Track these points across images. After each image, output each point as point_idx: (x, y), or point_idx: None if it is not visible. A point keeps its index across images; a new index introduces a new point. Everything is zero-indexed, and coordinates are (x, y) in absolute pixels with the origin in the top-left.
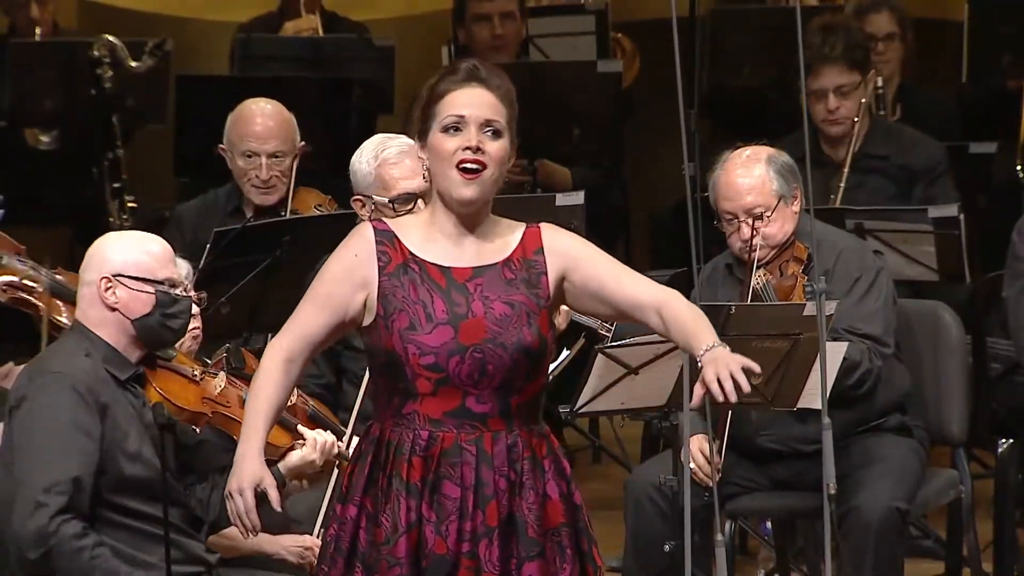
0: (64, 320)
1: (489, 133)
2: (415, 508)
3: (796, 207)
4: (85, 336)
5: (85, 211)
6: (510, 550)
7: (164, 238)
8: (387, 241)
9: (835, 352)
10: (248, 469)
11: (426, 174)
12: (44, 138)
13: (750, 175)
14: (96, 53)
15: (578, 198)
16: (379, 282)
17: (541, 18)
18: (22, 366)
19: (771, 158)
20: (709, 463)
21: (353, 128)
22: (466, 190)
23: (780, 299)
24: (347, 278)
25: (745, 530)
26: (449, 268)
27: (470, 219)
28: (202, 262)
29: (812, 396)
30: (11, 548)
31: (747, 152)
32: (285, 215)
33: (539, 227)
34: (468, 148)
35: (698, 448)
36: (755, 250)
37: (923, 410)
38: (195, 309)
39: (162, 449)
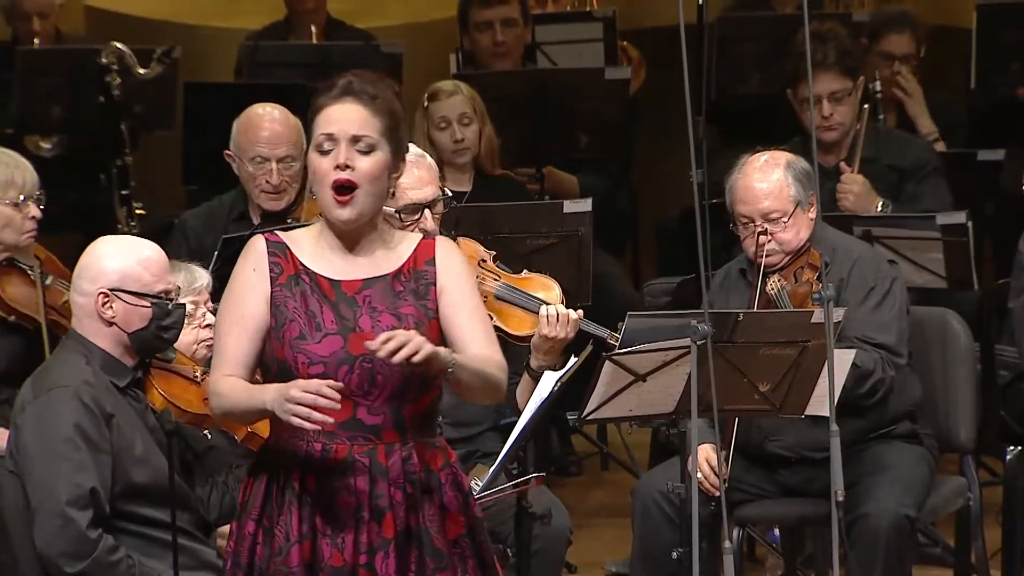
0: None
1: (360, 148)
2: (308, 519)
3: (812, 213)
4: (83, 345)
5: (93, 218)
6: (407, 563)
7: (168, 245)
8: (279, 253)
9: (843, 359)
10: (275, 387)
11: (311, 190)
12: (45, 144)
13: (767, 180)
14: (104, 60)
15: (586, 205)
16: (271, 293)
17: (548, 25)
18: None
19: (789, 163)
20: (716, 473)
21: None
22: (341, 212)
23: (795, 305)
24: (251, 293)
25: (753, 537)
26: (339, 281)
27: (355, 234)
28: (210, 269)
29: (820, 403)
30: (42, 563)
31: (765, 156)
32: (291, 222)
33: (434, 240)
34: (337, 166)
35: (704, 457)
36: (764, 256)
37: (931, 417)
38: (210, 319)
39: (169, 455)
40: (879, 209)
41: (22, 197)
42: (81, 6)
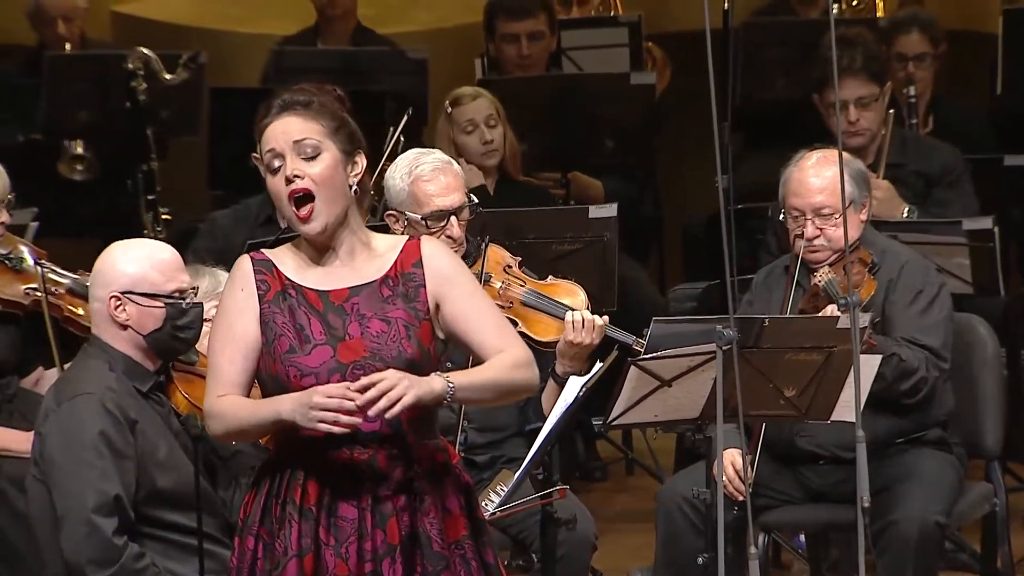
0: (84, 319)
1: (306, 155)
2: (310, 533)
3: (864, 215)
4: (103, 351)
5: (119, 224)
6: (413, 566)
7: (196, 240)
8: (265, 270)
9: (869, 365)
10: (291, 396)
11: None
12: (79, 166)
13: (822, 175)
14: (130, 66)
15: (611, 210)
16: (260, 310)
17: (574, 30)
18: (51, 370)
19: (848, 162)
20: (741, 478)
21: (386, 141)
22: (306, 227)
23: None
24: (241, 313)
25: (778, 543)
26: (327, 292)
27: (334, 243)
28: None
29: (847, 409)
30: (69, 570)
31: (823, 153)
32: None
33: (418, 240)
34: (287, 179)
35: (730, 462)
36: (811, 252)
37: (957, 422)
38: None
39: (195, 461)
40: (904, 215)
41: None
42: (107, 11)
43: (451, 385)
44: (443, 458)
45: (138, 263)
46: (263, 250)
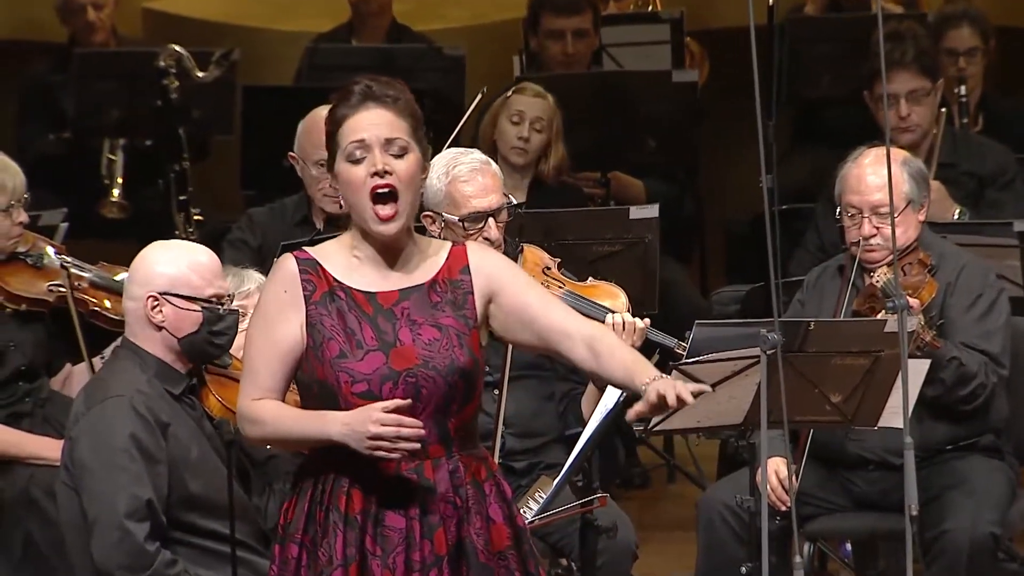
0: (110, 312)
1: (394, 152)
2: (355, 542)
3: (923, 216)
4: (135, 353)
5: (151, 224)
6: None
7: (232, 234)
8: (311, 270)
9: (917, 370)
10: (341, 419)
11: (342, 203)
12: (116, 211)
13: (880, 172)
14: (162, 63)
15: (652, 211)
16: (307, 312)
17: (615, 27)
18: (79, 366)
19: (906, 160)
20: (785, 489)
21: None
22: (384, 227)
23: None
24: (283, 317)
25: (824, 552)
26: (374, 294)
27: (393, 244)
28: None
29: (894, 415)
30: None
31: (882, 149)
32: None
33: (465, 246)
34: (376, 173)
35: (774, 470)
36: (867, 250)
37: (1010, 429)
38: None
39: (229, 466)
40: (955, 217)
41: (11, 203)
42: (139, 8)
43: (645, 385)
44: (485, 467)
45: (178, 265)
46: (306, 248)
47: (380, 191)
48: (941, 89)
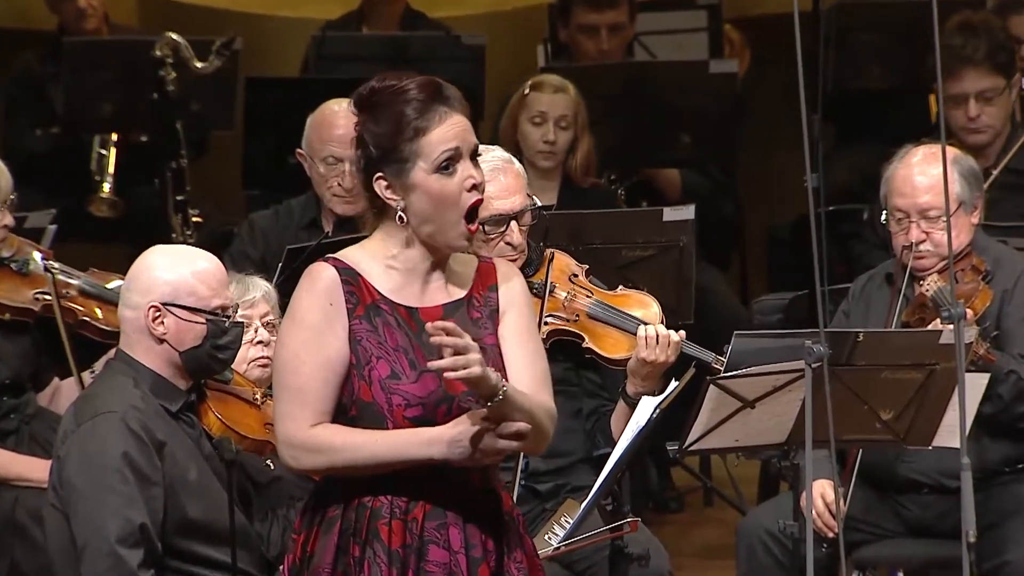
0: (100, 322)
1: (475, 160)
2: None
3: (975, 218)
4: (130, 366)
5: (145, 226)
6: None
7: (233, 246)
8: (352, 280)
9: (975, 384)
10: (439, 437)
11: (402, 216)
12: (105, 208)
13: (929, 173)
14: (158, 53)
15: (688, 212)
16: (349, 327)
17: (647, 13)
18: (67, 380)
19: (956, 159)
20: (832, 513)
21: None
22: (467, 244)
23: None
24: (331, 331)
25: None
26: (416, 309)
27: (442, 257)
28: (274, 281)
29: (950, 433)
30: None
31: (930, 148)
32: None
33: (492, 262)
34: (475, 187)
35: (820, 493)
36: (917, 257)
37: None
38: (264, 336)
39: (230, 487)
40: None
41: None
42: None
43: (503, 388)
44: (508, 497)
45: (182, 273)
46: (340, 256)
47: (477, 206)
48: (1018, 85)
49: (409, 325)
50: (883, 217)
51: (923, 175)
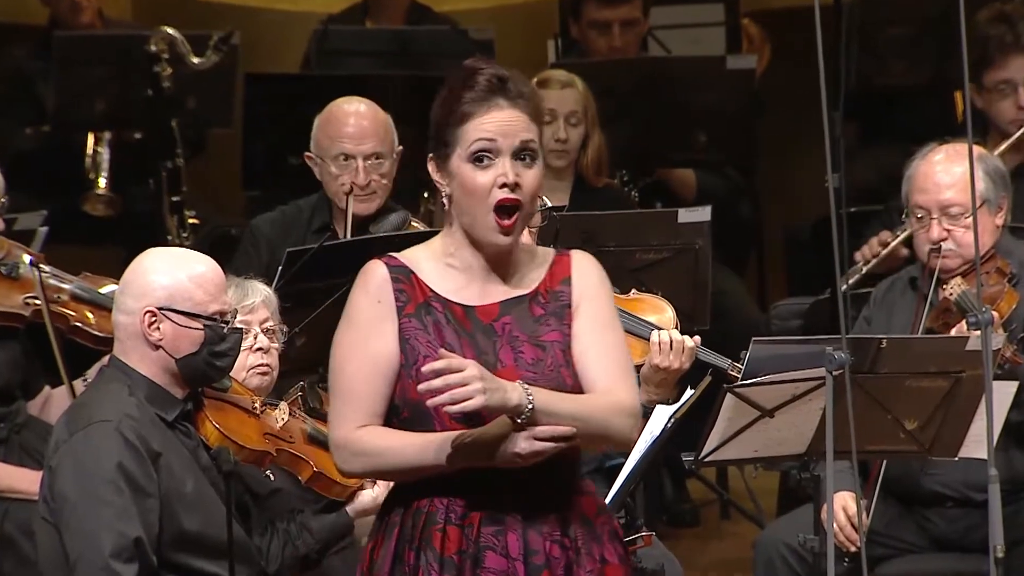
0: (93, 327)
1: (524, 159)
2: None
3: (1000, 219)
4: (124, 373)
5: (140, 228)
6: None
7: (236, 257)
8: (404, 278)
9: (1004, 392)
10: (463, 435)
11: (444, 201)
12: (100, 207)
13: (952, 169)
14: (153, 48)
15: (704, 214)
16: (399, 324)
17: (663, 7)
18: (59, 388)
19: (981, 157)
20: (854, 527)
21: None
22: (503, 239)
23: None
24: (379, 330)
25: None
26: (473, 308)
27: (502, 255)
28: (273, 285)
29: (978, 444)
30: None
31: (954, 146)
32: (374, 231)
33: (570, 255)
34: (505, 185)
35: (841, 506)
36: (940, 256)
37: None
38: (264, 343)
39: (228, 500)
40: None
41: None
42: None
43: (529, 400)
44: (595, 503)
45: (179, 277)
46: (395, 254)
47: (506, 205)
48: None
49: (464, 324)
50: (903, 216)
51: (945, 172)
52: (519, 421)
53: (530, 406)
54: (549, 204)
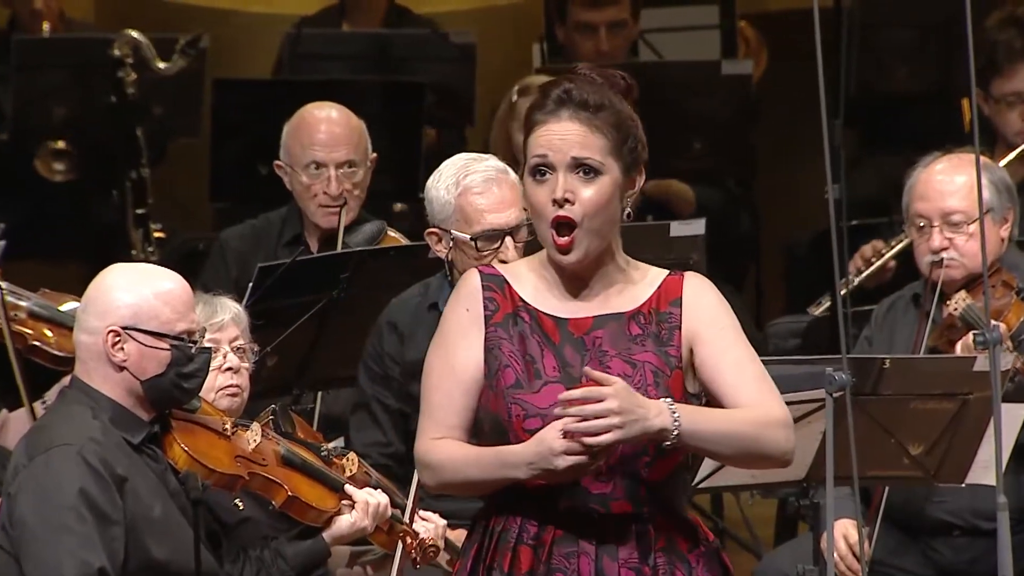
0: (52, 347)
1: (580, 174)
2: None
3: (1005, 232)
4: (88, 395)
5: (103, 242)
6: None
7: (205, 271)
8: (496, 287)
9: (1013, 415)
10: (522, 453)
11: (527, 208)
12: (58, 166)
13: (955, 178)
14: (117, 52)
15: (698, 227)
16: (485, 334)
17: (654, 9)
18: (17, 411)
19: (988, 166)
20: (856, 556)
21: (425, 142)
22: (563, 257)
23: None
24: (464, 341)
25: None
26: (565, 320)
27: (583, 272)
28: (243, 302)
29: (985, 470)
30: None
31: (958, 156)
32: (348, 242)
33: (682, 276)
34: (555, 201)
35: (842, 534)
36: (943, 267)
37: None
38: (234, 362)
39: (196, 527)
40: None
41: None
42: None
43: (675, 422)
44: (693, 536)
45: (144, 294)
46: (495, 264)
47: (560, 222)
48: None
49: (552, 336)
50: (904, 227)
51: (948, 180)
52: (669, 444)
53: (676, 432)
54: None
